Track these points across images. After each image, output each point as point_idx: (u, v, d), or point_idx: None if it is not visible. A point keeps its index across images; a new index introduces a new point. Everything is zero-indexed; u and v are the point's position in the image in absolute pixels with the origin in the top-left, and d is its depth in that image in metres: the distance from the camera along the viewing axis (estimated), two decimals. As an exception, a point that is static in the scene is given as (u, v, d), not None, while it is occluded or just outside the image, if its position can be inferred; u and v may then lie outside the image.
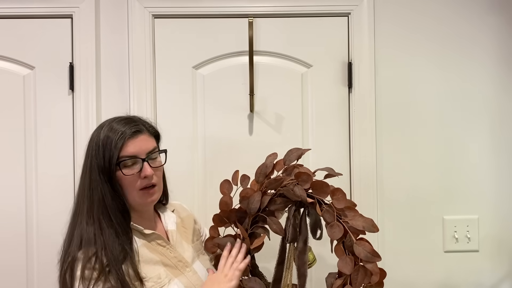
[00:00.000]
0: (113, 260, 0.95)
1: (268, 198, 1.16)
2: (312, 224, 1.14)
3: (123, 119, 1.07)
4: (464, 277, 1.53)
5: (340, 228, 1.05)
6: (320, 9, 1.51)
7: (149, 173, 1.03)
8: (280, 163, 1.22)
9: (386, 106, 1.53)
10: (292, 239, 1.13)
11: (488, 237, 1.53)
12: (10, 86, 1.49)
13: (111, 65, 1.51)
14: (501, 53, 1.54)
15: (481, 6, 1.53)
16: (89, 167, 1.02)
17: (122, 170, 1.01)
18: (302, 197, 1.10)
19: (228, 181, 1.24)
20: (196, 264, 1.14)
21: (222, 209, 1.21)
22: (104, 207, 1.00)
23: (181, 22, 1.52)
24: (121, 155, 1.00)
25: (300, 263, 1.12)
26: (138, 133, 1.04)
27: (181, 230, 1.19)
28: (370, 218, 1.07)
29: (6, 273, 1.47)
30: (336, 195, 1.10)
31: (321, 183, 1.11)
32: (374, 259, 1.03)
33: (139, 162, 1.02)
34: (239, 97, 1.52)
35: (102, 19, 1.51)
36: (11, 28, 1.49)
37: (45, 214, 1.48)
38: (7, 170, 1.48)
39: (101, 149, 1.01)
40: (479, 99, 1.54)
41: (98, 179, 1.00)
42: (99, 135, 1.03)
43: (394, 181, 1.52)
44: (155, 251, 1.06)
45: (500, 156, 1.54)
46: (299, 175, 1.12)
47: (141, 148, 1.03)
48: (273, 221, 1.15)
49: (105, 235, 0.98)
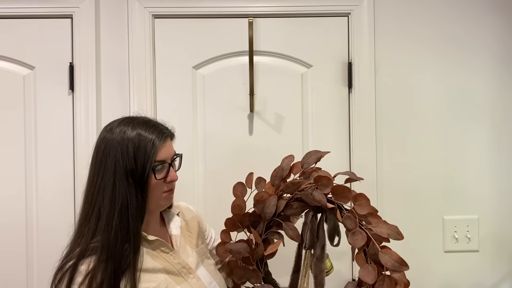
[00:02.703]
0: (111, 278, 0.93)
1: (284, 203, 1.12)
2: (330, 230, 1.10)
3: (145, 122, 1.05)
4: (464, 277, 1.53)
5: (363, 235, 1.01)
6: (320, 9, 1.51)
7: (176, 177, 1.06)
8: (297, 165, 1.17)
9: (386, 106, 1.53)
10: (310, 246, 1.09)
11: (488, 237, 1.53)
12: (10, 86, 1.49)
13: (111, 65, 1.51)
14: (502, 53, 1.54)
15: (482, 6, 1.53)
16: (113, 170, 0.98)
17: (155, 174, 1.01)
18: (322, 202, 1.06)
19: (241, 184, 1.20)
20: (200, 270, 1.12)
21: (235, 213, 1.17)
22: (126, 213, 0.97)
23: (181, 22, 1.52)
24: (156, 160, 1.01)
25: (318, 271, 1.07)
26: (166, 138, 1.05)
27: (186, 234, 1.17)
28: (394, 225, 1.02)
29: (6, 273, 1.47)
30: (359, 201, 1.05)
31: (343, 188, 1.06)
32: (402, 268, 0.98)
33: (166, 166, 1.04)
34: (239, 97, 1.52)
35: (102, 19, 1.51)
36: (11, 28, 1.49)
37: (45, 214, 1.48)
38: (7, 170, 1.48)
39: (131, 153, 0.98)
40: (480, 98, 1.54)
41: (126, 183, 0.97)
42: (124, 137, 1.00)
43: (394, 181, 1.52)
44: (158, 258, 1.05)
45: (500, 156, 1.54)
46: (319, 179, 1.08)
47: (169, 153, 1.05)
48: (289, 227, 1.11)
49: (115, 245, 0.95)
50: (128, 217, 0.97)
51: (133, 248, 0.97)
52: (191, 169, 1.51)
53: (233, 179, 1.47)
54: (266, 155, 1.51)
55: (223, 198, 1.48)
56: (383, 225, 1.02)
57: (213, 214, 1.44)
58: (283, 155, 1.49)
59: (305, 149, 1.52)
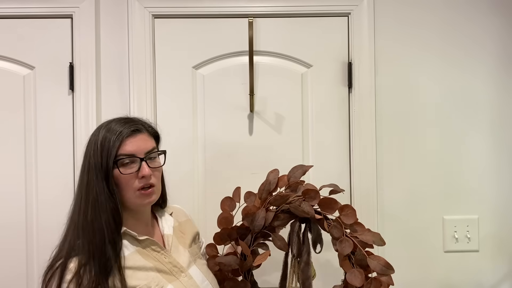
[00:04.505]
0: (99, 274, 0.93)
1: (272, 215, 1.17)
2: (314, 238, 1.17)
3: (122, 119, 1.06)
4: (464, 277, 1.53)
5: (350, 243, 1.09)
6: (320, 9, 1.51)
7: (147, 173, 1.01)
8: (283, 179, 1.23)
9: (386, 106, 1.53)
10: (298, 254, 1.16)
11: (488, 237, 1.53)
12: (10, 86, 1.49)
13: (111, 65, 1.51)
14: (503, 53, 1.54)
15: (482, 6, 1.53)
16: (87, 167, 1.01)
17: (119, 168, 0.99)
18: (310, 214, 1.14)
19: (229, 198, 1.24)
20: (192, 269, 1.12)
21: (223, 227, 1.20)
22: (97, 208, 0.98)
23: (181, 22, 1.52)
24: (118, 153, 0.99)
25: (305, 277, 1.14)
26: (137, 132, 1.03)
27: (178, 234, 1.17)
28: (377, 232, 1.12)
29: (6, 273, 1.47)
30: (345, 211, 1.14)
31: (330, 200, 1.15)
32: (389, 272, 1.07)
33: (137, 161, 1.01)
34: (239, 97, 1.52)
35: (102, 19, 1.51)
36: (11, 28, 1.49)
37: (45, 214, 1.48)
38: (7, 170, 1.48)
39: (99, 148, 0.99)
40: (480, 99, 1.54)
41: (95, 178, 0.98)
42: (98, 135, 1.02)
43: (394, 181, 1.52)
44: (148, 257, 1.04)
45: (500, 156, 1.54)
46: (307, 192, 1.16)
47: (139, 147, 1.02)
48: (277, 238, 1.18)
49: (94, 241, 0.96)
50: (100, 211, 0.98)
51: (112, 244, 0.97)
52: (191, 169, 1.51)
53: (233, 179, 1.48)
54: (266, 155, 1.51)
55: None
56: (367, 233, 1.11)
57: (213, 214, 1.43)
58: (283, 155, 1.50)
59: (305, 149, 1.52)
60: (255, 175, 1.35)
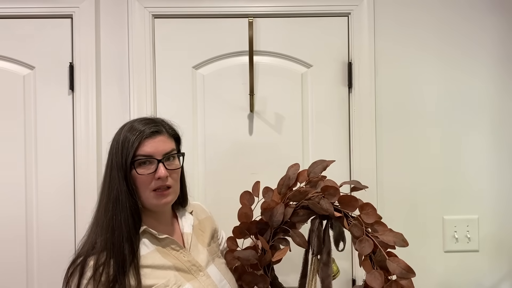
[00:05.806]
0: (116, 272, 0.95)
1: (291, 210, 1.15)
2: (335, 236, 1.14)
3: (144, 120, 1.08)
4: (464, 277, 1.53)
5: (370, 243, 1.05)
6: (320, 9, 1.51)
7: (163, 174, 1.02)
8: (303, 174, 1.20)
9: (386, 106, 1.53)
10: (317, 252, 1.13)
11: (488, 237, 1.53)
12: (10, 86, 1.49)
13: (111, 65, 1.51)
14: (502, 53, 1.54)
15: (482, 6, 1.53)
16: (110, 166, 1.03)
17: (136, 169, 1.01)
18: (329, 211, 1.10)
19: (248, 192, 1.22)
20: (210, 268, 1.12)
21: (242, 221, 1.20)
22: (117, 206, 1.00)
23: (181, 22, 1.52)
24: (137, 153, 1.01)
25: (325, 276, 1.11)
26: (156, 133, 1.04)
27: (198, 233, 1.17)
28: (400, 232, 1.06)
29: (6, 273, 1.47)
30: (366, 210, 1.09)
31: (350, 197, 1.11)
32: (409, 275, 1.02)
33: (154, 162, 1.02)
34: (239, 97, 1.52)
35: (102, 19, 1.51)
36: (11, 28, 1.49)
37: (45, 214, 1.48)
38: (7, 169, 1.48)
39: (120, 148, 1.02)
40: (479, 99, 1.54)
41: (116, 177, 1.01)
42: (120, 134, 1.04)
43: (394, 181, 1.52)
44: (168, 256, 1.05)
45: (500, 156, 1.54)
46: (326, 189, 1.12)
47: (157, 148, 1.03)
48: (296, 234, 1.15)
49: (112, 239, 0.98)
50: (119, 210, 1.00)
51: (129, 243, 0.98)
52: (191, 169, 1.51)
53: (233, 179, 1.48)
54: (266, 155, 1.51)
55: (223, 197, 1.48)
56: (389, 233, 1.06)
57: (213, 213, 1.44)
58: (283, 155, 1.50)
59: (305, 149, 1.52)
60: (255, 175, 1.35)
